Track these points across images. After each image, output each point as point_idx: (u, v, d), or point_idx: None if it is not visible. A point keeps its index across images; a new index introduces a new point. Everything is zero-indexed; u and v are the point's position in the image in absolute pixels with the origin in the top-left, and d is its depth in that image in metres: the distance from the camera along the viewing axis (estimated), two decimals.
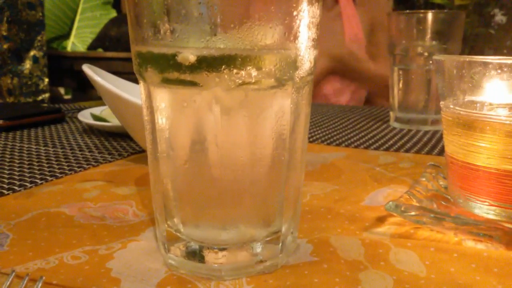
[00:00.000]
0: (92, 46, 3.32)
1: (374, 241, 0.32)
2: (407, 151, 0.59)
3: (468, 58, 0.34)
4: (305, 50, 0.26)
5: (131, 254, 0.30)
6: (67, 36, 3.43)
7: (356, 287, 0.26)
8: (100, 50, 3.18)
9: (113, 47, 3.07)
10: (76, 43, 3.45)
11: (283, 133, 0.27)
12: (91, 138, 0.65)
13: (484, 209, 0.34)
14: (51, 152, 0.57)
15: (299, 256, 0.30)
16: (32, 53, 2.43)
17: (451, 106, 0.36)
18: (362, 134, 0.69)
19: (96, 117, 0.71)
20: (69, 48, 3.42)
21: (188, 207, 0.28)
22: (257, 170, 0.27)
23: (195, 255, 0.28)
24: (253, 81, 0.25)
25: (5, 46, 2.30)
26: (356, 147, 0.61)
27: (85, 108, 0.83)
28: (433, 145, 0.62)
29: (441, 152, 0.58)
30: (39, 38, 2.46)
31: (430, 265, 0.29)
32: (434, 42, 0.72)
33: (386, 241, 0.32)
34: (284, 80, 0.26)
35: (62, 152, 0.57)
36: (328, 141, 0.64)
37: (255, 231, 0.28)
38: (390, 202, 0.34)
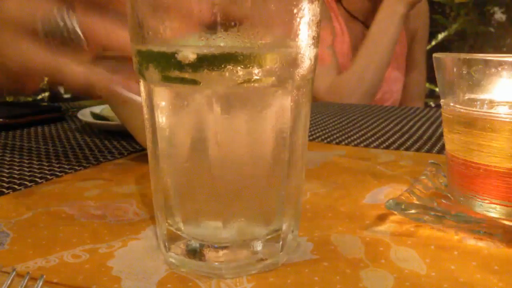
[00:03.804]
0: None
1: (375, 239, 0.32)
2: (407, 149, 0.59)
3: (468, 56, 0.34)
4: (305, 48, 0.26)
5: (132, 252, 0.30)
6: None
7: (357, 285, 0.26)
8: None
9: None
10: None
11: (283, 131, 0.27)
12: (91, 137, 0.65)
13: (485, 207, 0.34)
14: (51, 151, 0.57)
15: (300, 254, 0.30)
16: None
17: (452, 104, 0.36)
18: (362, 132, 0.69)
19: (96, 116, 0.71)
20: None
21: (189, 206, 0.28)
22: (258, 168, 0.27)
23: (196, 253, 0.28)
24: (253, 79, 0.25)
25: None
26: (356, 145, 0.61)
27: (85, 107, 0.83)
28: (433, 143, 0.62)
29: (442, 150, 0.58)
30: None
31: (431, 263, 0.29)
32: None
33: (387, 239, 0.32)
34: (285, 78, 0.26)
35: (62, 151, 0.57)
36: (329, 140, 0.64)
37: (255, 229, 0.28)
38: (391, 200, 0.34)
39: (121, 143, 0.61)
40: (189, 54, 0.24)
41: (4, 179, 0.46)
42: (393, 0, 1.19)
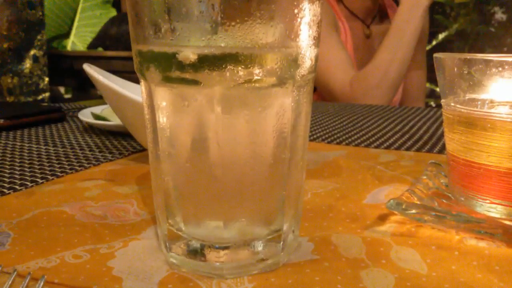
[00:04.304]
0: (92, 45, 3.32)
1: (376, 239, 0.32)
2: (408, 149, 0.59)
3: (469, 56, 0.34)
4: (306, 48, 0.26)
5: (133, 252, 0.30)
6: (67, 35, 3.43)
7: (358, 285, 0.26)
8: (100, 49, 3.19)
9: (113, 46, 3.07)
10: (76, 42, 3.45)
11: (284, 131, 0.27)
12: (91, 137, 0.65)
13: (486, 207, 0.34)
14: (51, 151, 0.57)
15: (301, 254, 0.30)
16: (32, 52, 2.43)
17: (452, 104, 0.36)
18: (363, 132, 0.69)
19: (96, 116, 0.71)
20: (69, 47, 3.42)
21: (190, 206, 0.28)
22: (258, 168, 0.27)
23: (197, 253, 0.28)
24: (254, 79, 0.25)
25: (5, 45, 2.30)
26: (357, 145, 0.61)
27: (86, 107, 0.83)
28: (434, 143, 0.62)
29: (442, 150, 0.58)
30: (39, 37, 2.46)
31: (432, 263, 0.29)
32: None
33: (387, 239, 0.32)
34: (285, 78, 0.26)
35: (63, 151, 0.57)
36: (329, 140, 0.64)
37: (256, 229, 0.28)
38: (391, 200, 0.34)
39: (121, 143, 0.61)
40: (190, 55, 0.24)
41: (5, 179, 0.46)
42: None
